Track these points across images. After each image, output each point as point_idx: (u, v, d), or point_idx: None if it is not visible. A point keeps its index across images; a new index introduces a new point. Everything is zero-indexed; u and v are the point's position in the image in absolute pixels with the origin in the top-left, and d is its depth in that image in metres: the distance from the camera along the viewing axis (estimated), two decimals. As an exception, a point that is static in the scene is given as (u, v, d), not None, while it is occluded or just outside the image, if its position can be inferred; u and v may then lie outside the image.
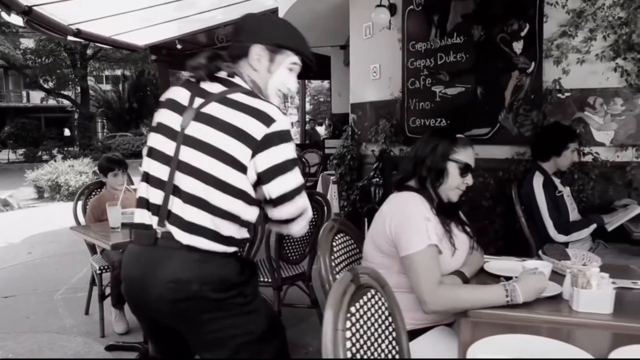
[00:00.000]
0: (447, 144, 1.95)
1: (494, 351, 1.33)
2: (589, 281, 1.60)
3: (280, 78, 1.73)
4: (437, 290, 1.72)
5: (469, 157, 1.96)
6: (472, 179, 2.00)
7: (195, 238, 1.53)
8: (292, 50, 1.73)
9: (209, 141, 1.54)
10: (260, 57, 1.69)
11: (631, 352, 1.30)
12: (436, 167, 1.93)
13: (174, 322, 1.60)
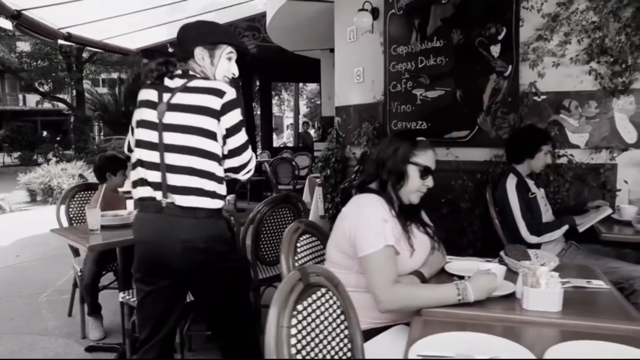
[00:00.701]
0: (408, 147, 1.98)
1: (435, 348, 1.37)
2: (538, 280, 1.64)
3: (223, 67, 2.16)
4: (391, 289, 1.76)
5: (429, 160, 2.00)
6: (433, 181, 2.03)
7: (190, 198, 2.00)
8: (225, 43, 2.14)
9: (183, 123, 2.00)
10: (203, 56, 2.11)
11: (566, 349, 1.34)
12: (397, 169, 1.97)
13: (187, 273, 2.05)
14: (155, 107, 2.03)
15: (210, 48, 2.11)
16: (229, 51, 2.15)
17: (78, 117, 24.15)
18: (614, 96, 3.42)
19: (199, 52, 2.10)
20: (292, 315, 1.37)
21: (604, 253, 3.11)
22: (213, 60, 2.12)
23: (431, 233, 2.12)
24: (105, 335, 3.52)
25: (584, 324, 1.57)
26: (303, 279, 1.45)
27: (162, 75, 2.07)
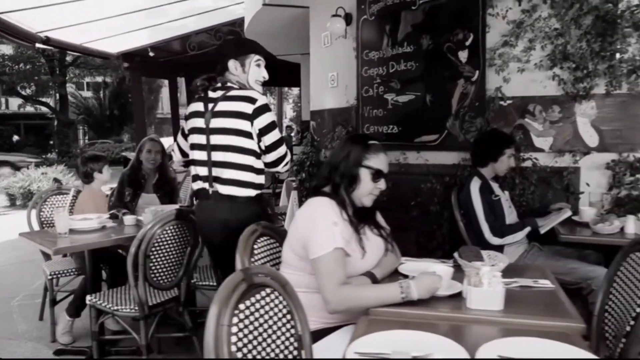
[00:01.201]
0: (359, 151, 2.02)
1: (374, 345, 1.41)
2: (480, 280, 1.68)
3: (254, 73, 2.58)
4: (338, 290, 1.80)
5: (380, 163, 2.04)
6: (385, 184, 2.07)
7: (230, 188, 2.50)
8: (252, 52, 2.58)
9: (224, 126, 2.47)
10: (235, 66, 2.55)
11: (497, 345, 1.39)
12: (349, 173, 2.01)
13: (222, 242, 2.42)
14: (203, 116, 2.52)
15: (240, 59, 2.55)
16: (257, 59, 2.58)
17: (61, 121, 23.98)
18: (576, 101, 3.50)
19: (232, 64, 2.54)
20: (233, 314, 1.40)
21: (566, 254, 3.17)
22: (244, 68, 2.56)
23: (385, 235, 2.17)
24: (74, 341, 3.51)
25: (523, 321, 1.63)
26: (246, 279, 1.48)
27: (206, 88, 2.55)
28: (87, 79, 28.13)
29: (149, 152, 3.84)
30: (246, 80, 2.58)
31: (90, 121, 29.61)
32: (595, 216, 3.11)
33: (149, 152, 3.84)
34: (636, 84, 3.37)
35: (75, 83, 28.32)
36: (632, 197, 3.44)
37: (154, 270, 2.84)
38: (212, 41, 8.69)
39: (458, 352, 1.37)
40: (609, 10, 3.30)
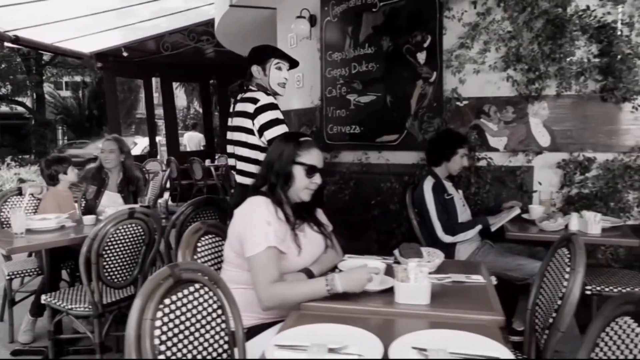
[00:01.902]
0: (292, 149, 2.06)
1: (294, 339, 1.46)
2: (407, 275, 1.74)
3: (275, 76, 2.87)
4: (270, 287, 1.84)
5: (313, 159, 2.08)
6: (321, 178, 2.11)
7: (242, 178, 2.86)
8: (271, 56, 2.86)
9: (237, 124, 2.86)
10: (258, 71, 2.86)
11: (411, 337, 1.44)
12: (283, 171, 2.05)
13: None
14: (231, 116, 2.93)
15: (260, 64, 2.84)
16: (276, 62, 2.86)
17: (38, 121, 23.67)
18: (528, 102, 3.59)
19: (254, 68, 2.86)
20: (158, 308, 1.44)
21: (517, 251, 3.25)
22: (265, 72, 2.85)
23: (325, 232, 2.21)
24: (34, 340, 3.51)
25: (447, 314, 1.69)
26: (173, 274, 1.51)
27: (237, 92, 2.92)
28: (65, 78, 27.78)
29: (102, 151, 3.86)
30: (268, 84, 2.86)
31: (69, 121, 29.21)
32: (544, 214, 3.20)
33: (102, 151, 3.86)
34: (585, 86, 3.47)
35: (54, 82, 27.97)
36: (581, 195, 3.54)
37: (107, 269, 2.86)
38: (186, 41, 8.67)
39: (373, 344, 1.42)
40: (558, 14, 3.39)
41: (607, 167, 3.49)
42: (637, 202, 3.48)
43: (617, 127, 3.49)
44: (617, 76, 3.35)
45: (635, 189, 3.46)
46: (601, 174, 3.51)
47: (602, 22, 3.39)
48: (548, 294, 1.99)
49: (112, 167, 3.88)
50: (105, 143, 3.90)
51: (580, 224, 2.96)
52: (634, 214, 3.50)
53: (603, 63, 3.42)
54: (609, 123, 3.50)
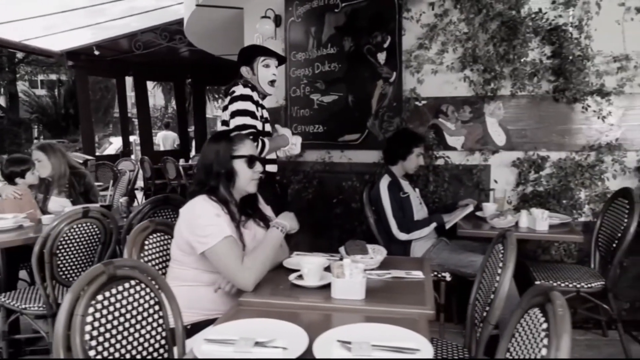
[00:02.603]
0: (226, 145, 2.09)
1: (224, 333, 1.49)
2: (343, 271, 1.78)
3: (262, 74, 2.96)
4: (242, 267, 1.91)
5: (249, 149, 2.12)
6: (261, 167, 2.15)
7: None
8: (257, 55, 2.95)
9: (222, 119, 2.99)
10: (247, 71, 2.96)
11: (339, 331, 1.49)
12: (224, 169, 2.07)
13: None
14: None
15: (248, 64, 2.94)
16: (263, 60, 2.94)
17: (11, 120, 23.31)
18: (484, 102, 3.66)
19: (243, 70, 2.97)
20: (89, 304, 1.46)
21: (472, 248, 3.32)
22: (253, 70, 2.95)
23: None
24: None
25: (380, 309, 1.74)
26: (107, 271, 1.54)
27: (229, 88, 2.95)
28: (40, 76, 27.40)
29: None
30: (257, 82, 2.95)
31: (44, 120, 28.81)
32: (496, 211, 3.27)
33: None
34: (539, 86, 3.56)
35: (29, 81, 27.57)
36: (535, 193, 3.63)
37: (62, 268, 2.86)
38: (158, 40, 8.65)
39: (300, 337, 1.46)
40: (512, 16, 3.48)
41: (559, 166, 3.59)
42: (588, 199, 3.58)
43: (569, 127, 3.59)
44: (568, 77, 3.44)
45: (586, 187, 3.56)
46: (554, 173, 3.61)
47: (553, 25, 3.48)
48: (485, 288, 2.05)
49: (48, 175, 3.76)
50: (33, 153, 3.78)
51: (529, 221, 3.04)
52: (585, 211, 3.60)
53: (555, 64, 3.51)
54: (561, 123, 3.60)
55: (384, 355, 1.36)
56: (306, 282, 1.90)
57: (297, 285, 1.91)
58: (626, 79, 3.48)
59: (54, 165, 3.70)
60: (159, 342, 1.69)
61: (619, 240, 2.98)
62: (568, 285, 3.00)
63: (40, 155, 3.69)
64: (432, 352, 1.36)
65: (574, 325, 3.50)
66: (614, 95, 3.49)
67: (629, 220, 2.93)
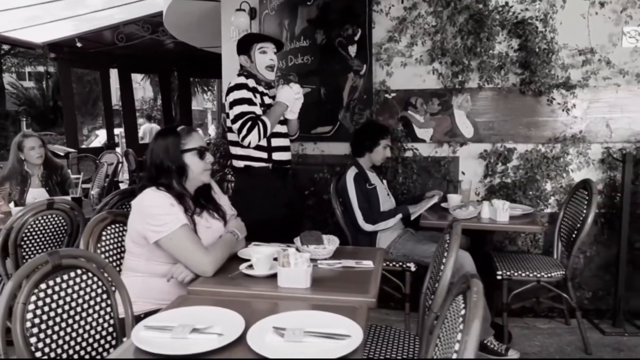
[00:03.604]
0: (174, 140, 2.12)
1: (164, 320, 1.53)
2: (288, 260, 1.83)
3: (260, 60, 2.91)
4: (208, 253, 1.99)
5: (197, 142, 2.15)
6: (212, 157, 2.19)
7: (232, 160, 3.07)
8: (252, 42, 2.94)
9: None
10: (245, 60, 2.96)
11: (276, 318, 1.53)
12: (175, 164, 2.10)
13: None
14: None
15: (245, 52, 2.94)
16: (259, 47, 2.90)
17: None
18: (453, 94, 3.70)
19: (242, 59, 2.97)
20: (32, 292, 1.50)
21: (438, 238, 3.36)
22: (251, 58, 2.93)
23: (225, 218, 2.28)
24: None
25: (323, 297, 1.78)
26: (51, 260, 1.57)
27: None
28: (28, 68, 27.19)
29: (33, 148, 3.78)
30: (256, 70, 2.92)
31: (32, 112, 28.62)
32: (461, 202, 3.33)
33: (33, 148, 3.78)
34: (506, 79, 3.61)
35: (16, 73, 27.34)
36: (502, 185, 3.68)
37: (28, 259, 2.88)
38: (141, 32, 8.62)
39: (238, 324, 1.50)
40: (479, 9, 3.51)
41: (526, 158, 3.65)
42: (553, 191, 3.64)
43: (536, 119, 3.64)
44: (533, 70, 3.49)
45: (552, 179, 3.62)
46: (521, 164, 3.67)
47: (520, 18, 3.53)
48: (434, 277, 2.10)
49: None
50: (33, 140, 3.79)
51: (491, 212, 3.10)
52: (551, 202, 3.67)
53: (521, 57, 3.56)
54: (528, 115, 3.65)
55: (314, 340, 1.41)
56: (255, 271, 1.95)
57: (247, 274, 1.96)
58: (591, 72, 3.54)
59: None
60: (107, 330, 1.73)
61: (578, 230, 3.04)
62: (529, 275, 3.07)
63: (40, 141, 3.85)
64: (361, 338, 1.41)
65: (538, 314, 3.59)
66: (579, 88, 3.54)
67: (587, 211, 2.99)
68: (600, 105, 3.57)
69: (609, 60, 3.52)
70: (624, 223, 3.35)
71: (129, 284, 2.08)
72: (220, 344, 1.39)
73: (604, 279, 3.65)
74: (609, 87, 3.55)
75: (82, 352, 1.63)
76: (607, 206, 3.62)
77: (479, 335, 1.15)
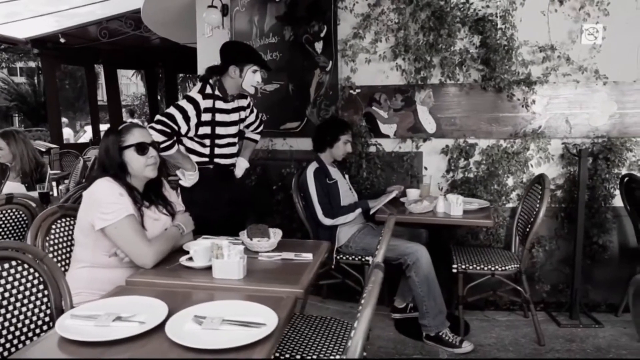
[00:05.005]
0: (114, 139, 2.17)
1: (92, 309, 1.58)
2: (221, 252, 1.88)
3: (249, 79, 2.96)
4: (151, 244, 2.05)
5: (137, 138, 2.19)
6: (155, 151, 2.23)
7: None
8: (251, 62, 2.94)
9: None
10: (234, 71, 2.92)
11: (197, 308, 1.58)
12: (116, 162, 2.16)
13: None
14: None
15: (240, 65, 2.92)
16: (255, 68, 2.95)
17: (-12, 109, 23.08)
18: (415, 90, 3.76)
19: (231, 69, 2.92)
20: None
21: (398, 233, 3.42)
22: (241, 74, 2.94)
23: (173, 212, 2.33)
24: None
25: (253, 288, 1.84)
26: (-17, 251, 1.62)
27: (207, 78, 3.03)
28: (19, 64, 27.12)
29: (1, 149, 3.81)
30: (240, 84, 2.96)
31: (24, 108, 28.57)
32: (419, 197, 3.38)
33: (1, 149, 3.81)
34: (468, 75, 3.66)
35: (7, 68, 27.28)
36: (464, 180, 3.74)
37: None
38: (124, 28, 8.63)
39: (161, 313, 1.55)
40: (440, 6, 3.56)
41: (487, 153, 3.70)
42: (515, 185, 3.70)
43: (497, 115, 3.70)
44: (493, 67, 3.54)
45: (513, 174, 3.68)
46: (483, 160, 3.72)
47: (480, 15, 3.58)
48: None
49: (7, 161, 3.85)
50: None
51: (445, 206, 3.16)
52: (512, 196, 3.72)
53: (481, 54, 3.61)
54: (489, 111, 3.71)
55: (231, 328, 1.46)
56: (194, 263, 2.00)
57: (186, 266, 2.01)
58: (551, 69, 3.59)
59: (15, 154, 3.82)
60: (43, 320, 1.77)
61: (531, 224, 3.10)
62: (483, 268, 3.13)
63: (1, 142, 3.80)
64: (274, 326, 1.46)
65: (500, 307, 3.65)
66: (539, 84, 3.60)
67: (540, 205, 3.05)
68: (560, 102, 3.63)
69: (568, 57, 3.57)
70: (579, 217, 3.41)
71: (76, 275, 2.15)
72: (140, 331, 1.44)
73: (564, 272, 3.72)
74: (569, 83, 3.60)
75: (16, 342, 1.68)
76: (567, 201, 3.68)
77: (369, 321, 1.21)
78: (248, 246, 2.23)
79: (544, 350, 3.09)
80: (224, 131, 3.03)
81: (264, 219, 4.29)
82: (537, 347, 3.12)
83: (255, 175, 4.41)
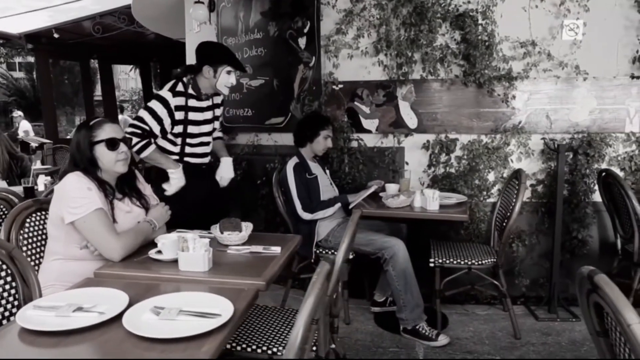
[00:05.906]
0: (85, 134, 2.20)
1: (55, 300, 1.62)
2: (187, 245, 1.91)
3: (224, 80, 2.99)
4: (119, 238, 2.06)
5: (108, 133, 2.20)
6: (126, 147, 2.25)
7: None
8: (225, 63, 2.96)
9: None
10: (209, 71, 2.96)
11: (157, 299, 1.62)
12: (86, 158, 2.18)
13: None
14: None
15: (214, 66, 2.94)
16: (228, 69, 2.97)
17: (-14, 104, 23.11)
18: (397, 86, 3.78)
19: (206, 69, 2.95)
20: None
21: (378, 227, 3.46)
22: (216, 74, 2.96)
23: (146, 205, 2.36)
24: None
25: (217, 280, 1.87)
26: (-51, 245, 1.65)
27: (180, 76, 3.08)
28: (18, 59, 27.13)
29: None
30: (214, 84, 2.98)
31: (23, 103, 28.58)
32: (398, 192, 3.41)
33: None
34: (449, 71, 3.68)
35: (6, 63, 27.29)
36: (446, 175, 3.77)
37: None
38: (118, 24, 8.65)
39: (122, 303, 1.58)
40: (422, 1, 3.58)
41: (468, 148, 3.73)
42: (495, 180, 3.73)
43: (478, 111, 3.72)
44: (473, 62, 3.56)
45: (494, 169, 3.71)
46: (464, 155, 3.75)
47: (461, 10, 3.60)
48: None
49: None
50: None
51: (422, 201, 3.19)
52: (493, 191, 3.75)
53: (462, 49, 3.63)
54: (470, 106, 3.73)
55: (187, 319, 1.50)
56: (162, 256, 2.04)
57: (155, 259, 2.05)
58: (531, 64, 3.61)
59: None
60: (10, 311, 1.81)
61: (507, 219, 3.13)
62: (460, 263, 3.16)
63: None
64: (229, 317, 1.50)
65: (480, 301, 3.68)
66: (519, 80, 3.62)
67: (516, 199, 3.08)
68: (541, 97, 3.65)
69: (549, 53, 3.59)
70: (558, 212, 3.44)
71: (49, 267, 2.18)
72: (98, 321, 1.48)
73: (544, 267, 3.75)
74: (549, 79, 3.63)
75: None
76: (547, 196, 3.71)
77: (311, 310, 1.24)
78: (219, 239, 2.27)
79: (519, 343, 3.12)
80: (197, 130, 3.06)
81: (249, 213, 4.34)
82: (513, 340, 3.15)
83: (240, 170, 4.44)
